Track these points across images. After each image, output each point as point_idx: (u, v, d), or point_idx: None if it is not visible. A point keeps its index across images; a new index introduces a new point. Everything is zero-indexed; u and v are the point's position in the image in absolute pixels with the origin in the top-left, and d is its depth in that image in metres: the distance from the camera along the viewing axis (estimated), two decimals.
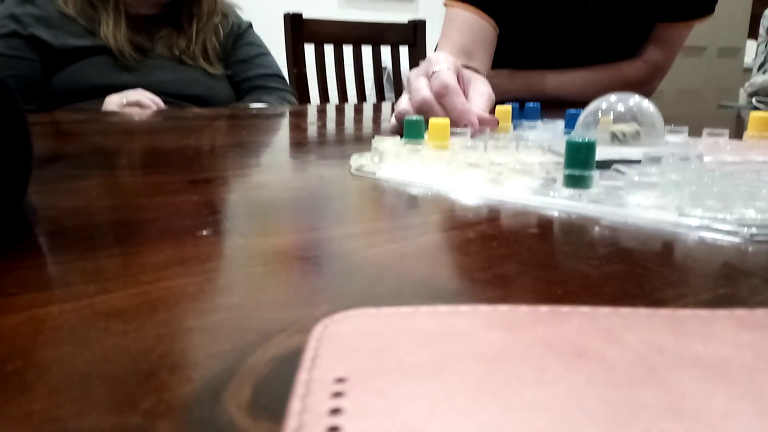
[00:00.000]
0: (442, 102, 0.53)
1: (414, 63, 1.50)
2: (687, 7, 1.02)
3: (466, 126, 0.50)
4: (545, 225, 0.28)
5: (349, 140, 0.59)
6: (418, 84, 0.55)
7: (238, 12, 1.20)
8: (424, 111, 0.53)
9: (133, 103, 0.93)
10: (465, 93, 0.56)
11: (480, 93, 0.56)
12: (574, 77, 1.02)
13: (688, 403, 0.12)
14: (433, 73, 0.55)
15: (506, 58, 1.01)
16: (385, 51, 1.49)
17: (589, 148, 0.31)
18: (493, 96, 0.58)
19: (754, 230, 0.26)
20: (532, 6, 0.97)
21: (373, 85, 1.51)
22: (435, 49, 0.98)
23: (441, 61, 0.56)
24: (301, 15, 1.35)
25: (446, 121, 0.42)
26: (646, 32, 1.04)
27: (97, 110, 0.92)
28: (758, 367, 0.13)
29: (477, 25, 0.90)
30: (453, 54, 0.85)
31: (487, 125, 0.52)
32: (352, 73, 1.45)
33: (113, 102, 0.94)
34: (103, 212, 0.30)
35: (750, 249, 0.24)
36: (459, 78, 0.56)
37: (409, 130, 0.43)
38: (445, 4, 0.93)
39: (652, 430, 0.11)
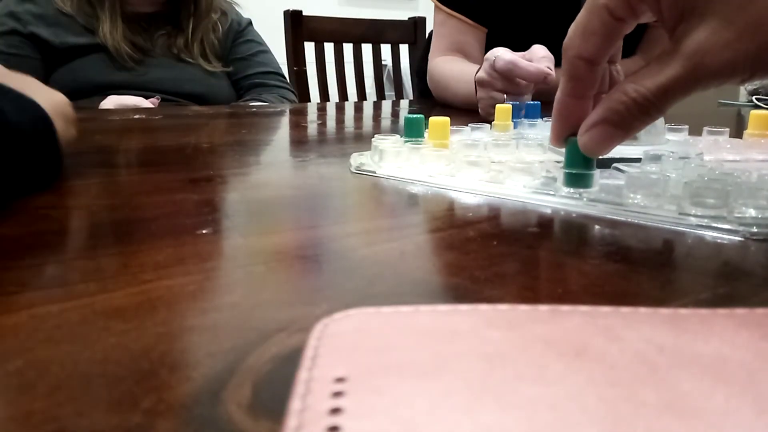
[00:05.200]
0: (515, 74, 0.66)
1: (414, 60, 1.50)
2: None
3: (545, 79, 0.65)
4: (545, 224, 0.28)
5: (349, 139, 0.59)
6: (489, 69, 0.70)
7: (238, 9, 1.20)
8: (508, 71, 0.67)
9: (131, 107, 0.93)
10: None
11: (540, 51, 0.70)
12: None
13: (688, 402, 0.12)
14: (495, 58, 0.69)
15: None
16: (386, 49, 1.49)
17: None
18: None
19: (754, 229, 0.26)
20: (522, 12, 0.98)
21: (373, 83, 1.51)
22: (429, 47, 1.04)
23: (496, 51, 0.70)
24: (301, 12, 1.35)
25: (446, 119, 0.42)
26: (641, 32, 1.04)
27: (96, 108, 0.92)
28: (758, 366, 0.13)
29: (465, 28, 0.99)
30: (449, 51, 0.91)
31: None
32: (352, 70, 1.44)
33: (111, 105, 0.94)
34: (103, 211, 0.30)
35: (750, 248, 0.24)
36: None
37: (409, 128, 0.43)
38: (436, 7, 0.98)
39: (652, 428, 0.11)
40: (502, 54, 0.69)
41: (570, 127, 0.29)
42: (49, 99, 0.35)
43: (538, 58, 0.68)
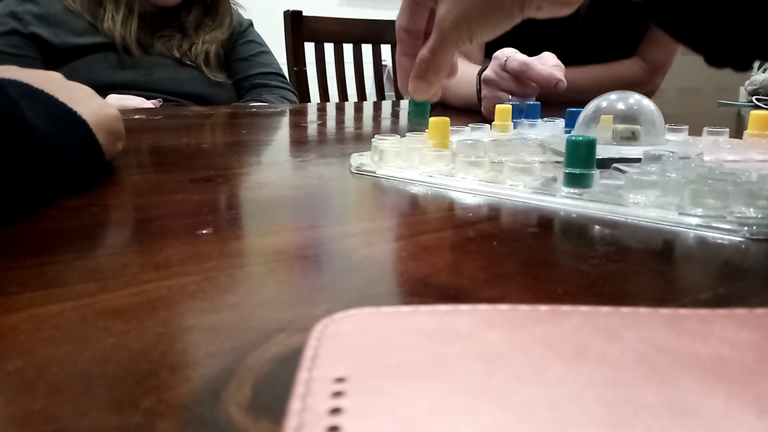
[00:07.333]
0: (527, 75, 0.67)
1: None
2: None
3: (556, 85, 0.66)
4: (545, 224, 0.28)
5: (349, 139, 0.59)
6: (498, 68, 0.71)
7: (240, 10, 1.20)
8: (521, 72, 0.67)
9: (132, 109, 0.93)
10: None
11: (551, 59, 0.72)
12: (572, 76, 1.02)
13: (688, 402, 0.12)
14: (506, 59, 0.69)
15: None
16: (386, 49, 1.49)
17: (590, 146, 0.31)
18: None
19: (754, 229, 0.26)
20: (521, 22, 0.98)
21: (373, 83, 1.51)
22: None
23: (506, 51, 0.71)
24: (301, 12, 1.35)
25: (446, 119, 0.42)
26: (641, 33, 1.04)
27: None
28: (758, 367, 0.13)
29: None
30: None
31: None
32: (352, 71, 1.44)
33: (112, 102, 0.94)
34: (103, 211, 0.30)
35: (750, 248, 0.24)
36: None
37: (415, 107, 0.44)
38: None
39: (651, 428, 0.11)
40: (514, 55, 0.69)
41: (407, 77, 0.40)
42: (98, 112, 0.35)
43: (550, 65, 0.69)
